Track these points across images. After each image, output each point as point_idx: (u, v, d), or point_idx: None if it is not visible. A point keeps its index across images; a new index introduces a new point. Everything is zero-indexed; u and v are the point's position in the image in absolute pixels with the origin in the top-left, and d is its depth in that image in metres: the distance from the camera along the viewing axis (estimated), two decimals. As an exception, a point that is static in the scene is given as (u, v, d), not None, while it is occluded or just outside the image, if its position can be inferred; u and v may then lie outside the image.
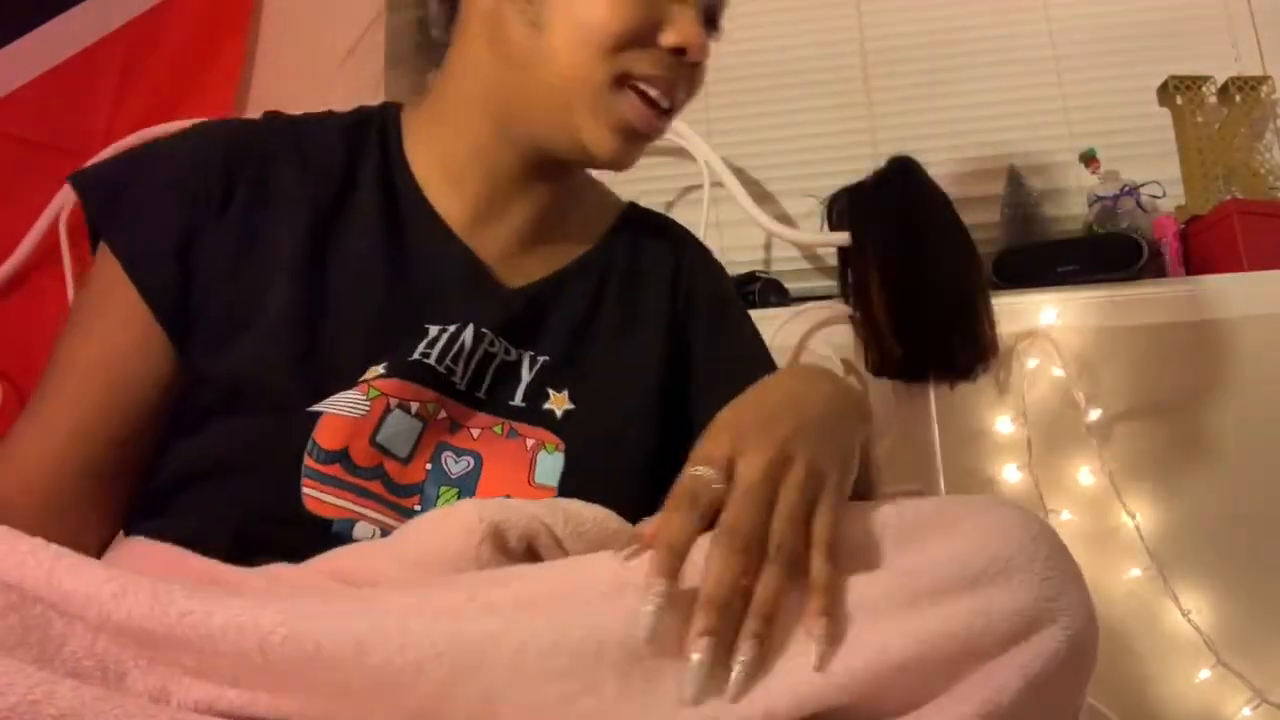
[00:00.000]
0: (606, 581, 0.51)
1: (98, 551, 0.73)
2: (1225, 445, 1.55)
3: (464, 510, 0.60)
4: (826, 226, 1.56)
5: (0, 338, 1.65)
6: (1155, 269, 1.66)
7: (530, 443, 0.76)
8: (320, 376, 0.71)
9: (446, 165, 0.81)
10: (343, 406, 0.70)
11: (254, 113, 1.77)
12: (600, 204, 0.93)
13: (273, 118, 0.84)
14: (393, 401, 0.71)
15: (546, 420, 0.77)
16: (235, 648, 0.46)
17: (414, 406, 0.72)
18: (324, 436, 0.69)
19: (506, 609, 0.50)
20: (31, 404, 0.75)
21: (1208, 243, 1.67)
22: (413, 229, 0.80)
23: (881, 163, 1.48)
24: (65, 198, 1.68)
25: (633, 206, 0.95)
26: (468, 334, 0.76)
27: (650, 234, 0.92)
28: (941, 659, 0.49)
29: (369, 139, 0.83)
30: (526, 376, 0.78)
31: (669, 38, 0.75)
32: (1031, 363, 1.61)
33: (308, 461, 0.69)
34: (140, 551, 0.69)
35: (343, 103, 0.86)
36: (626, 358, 0.83)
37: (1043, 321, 1.62)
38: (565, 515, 0.62)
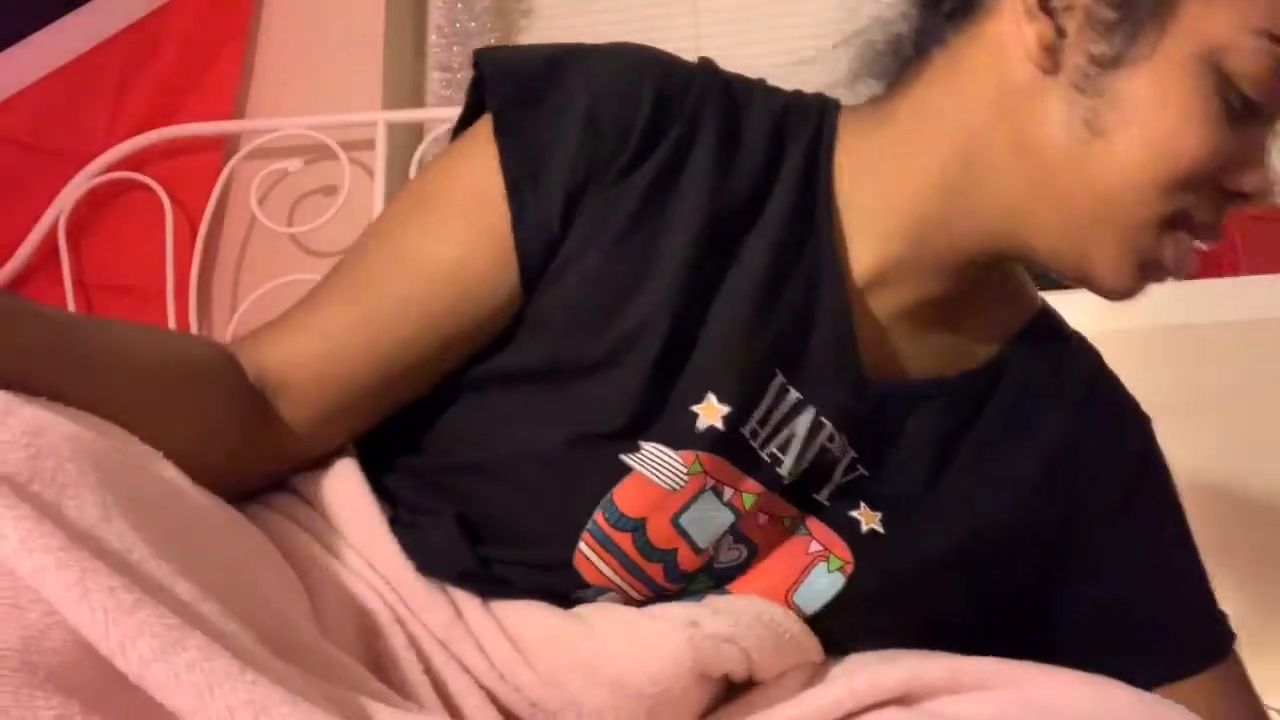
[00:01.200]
0: None
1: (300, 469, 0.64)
2: (1225, 448, 1.55)
3: (672, 640, 0.55)
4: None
5: None
6: (1154, 271, 1.66)
7: (814, 548, 0.64)
8: (651, 408, 0.61)
9: (879, 200, 0.66)
10: (659, 471, 0.60)
11: (254, 114, 1.80)
12: (1013, 299, 0.75)
13: (710, 71, 0.68)
14: (710, 481, 0.61)
15: (847, 529, 0.65)
16: None
17: (727, 493, 0.62)
18: (625, 499, 0.60)
19: None
20: (342, 283, 0.64)
21: (1207, 245, 1.68)
22: (808, 261, 0.65)
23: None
24: (64, 202, 1.68)
25: (1045, 317, 0.78)
26: (805, 420, 0.63)
27: (1060, 363, 0.76)
28: None
29: (800, 133, 0.67)
30: (840, 477, 0.65)
31: (1248, 181, 0.61)
32: (1031, 365, 1.61)
33: (598, 517, 0.60)
34: (370, 535, 0.60)
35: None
36: (971, 506, 0.68)
37: (1042, 324, 1.62)
38: (776, 639, 0.59)
